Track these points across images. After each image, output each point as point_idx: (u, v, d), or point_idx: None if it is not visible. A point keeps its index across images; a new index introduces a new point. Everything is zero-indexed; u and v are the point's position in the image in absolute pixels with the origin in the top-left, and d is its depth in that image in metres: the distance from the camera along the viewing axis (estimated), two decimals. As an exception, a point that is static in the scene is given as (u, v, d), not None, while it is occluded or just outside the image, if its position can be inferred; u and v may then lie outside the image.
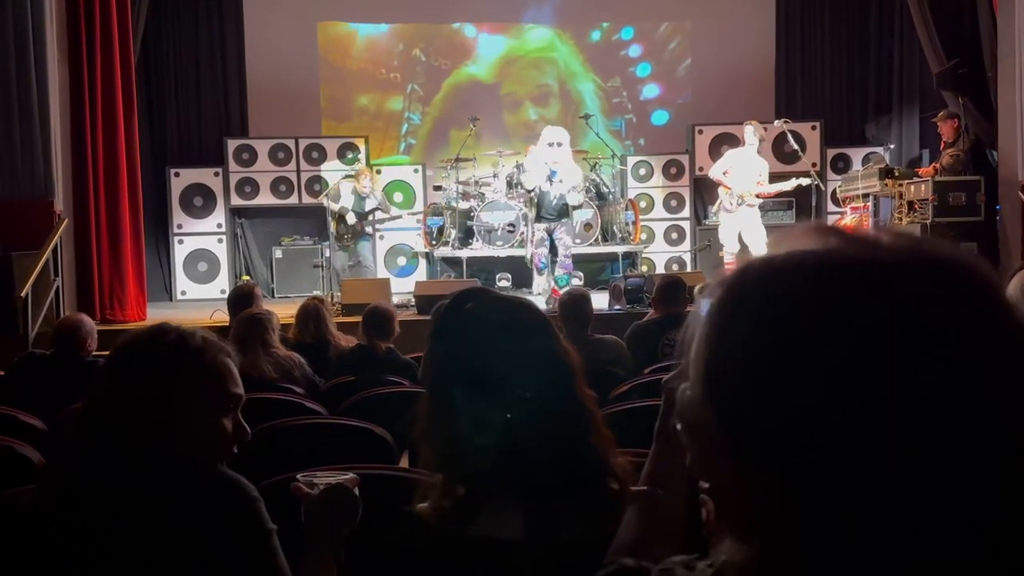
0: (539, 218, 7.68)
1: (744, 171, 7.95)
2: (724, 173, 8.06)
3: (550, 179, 7.45)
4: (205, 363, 1.54)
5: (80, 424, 1.54)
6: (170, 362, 1.52)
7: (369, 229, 8.94)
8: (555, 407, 1.42)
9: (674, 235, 10.20)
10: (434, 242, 9.39)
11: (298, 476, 1.59)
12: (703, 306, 0.68)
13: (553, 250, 7.70)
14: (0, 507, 1.88)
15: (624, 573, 0.82)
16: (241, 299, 5.05)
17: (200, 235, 9.74)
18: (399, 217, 9.32)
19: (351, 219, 8.69)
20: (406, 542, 1.42)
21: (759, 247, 8.05)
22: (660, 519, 0.76)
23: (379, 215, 8.89)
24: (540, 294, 7.73)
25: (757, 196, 7.99)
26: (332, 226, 8.81)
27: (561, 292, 7.47)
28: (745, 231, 7.98)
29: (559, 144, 7.43)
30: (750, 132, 7.99)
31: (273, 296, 9.36)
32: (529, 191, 7.78)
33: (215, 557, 1.42)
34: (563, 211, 7.67)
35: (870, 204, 8.45)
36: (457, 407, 1.41)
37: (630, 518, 1.14)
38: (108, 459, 1.47)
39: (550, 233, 7.67)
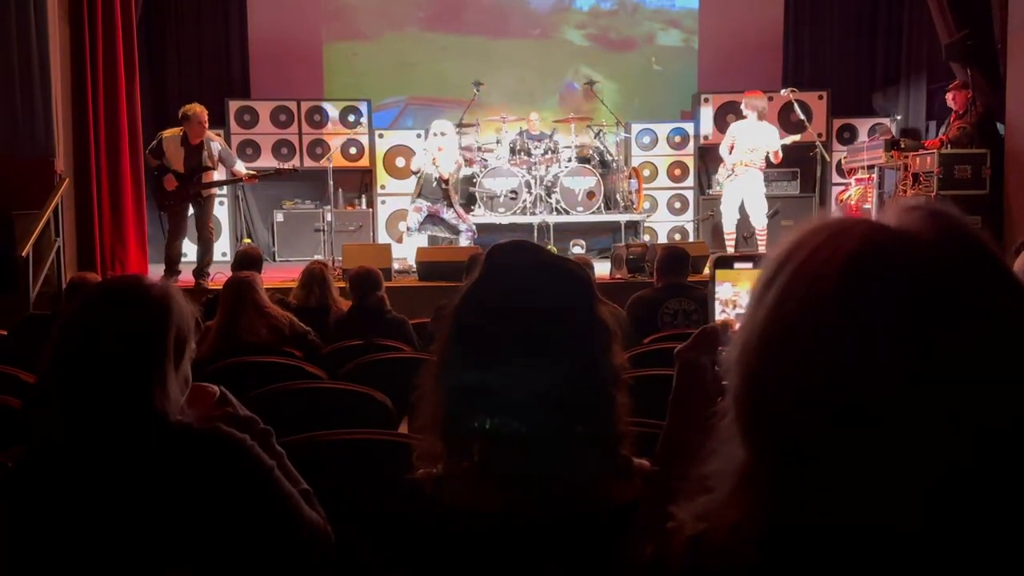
0: (421, 195, 7.91)
1: (747, 142, 8.07)
2: (729, 149, 8.18)
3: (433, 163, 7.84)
4: (179, 309, 1.52)
5: (53, 388, 1.47)
6: (154, 315, 1.49)
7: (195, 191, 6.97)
8: (578, 372, 1.32)
9: (677, 204, 10.16)
10: (436, 208, 9.35)
11: None
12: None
13: (434, 222, 7.98)
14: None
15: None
16: (247, 263, 5.05)
17: (202, 197, 9.69)
18: (238, 181, 7.45)
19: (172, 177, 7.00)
20: (401, 509, 1.39)
21: (757, 218, 8.10)
22: (676, 495, 0.76)
23: (216, 176, 7.17)
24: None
25: (767, 159, 8.08)
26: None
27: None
28: (746, 199, 8.13)
29: (443, 134, 7.82)
30: (743, 106, 8.22)
31: (274, 260, 9.34)
32: (415, 172, 8.04)
33: (225, 509, 1.44)
34: (445, 192, 7.91)
35: (875, 175, 8.40)
36: (467, 357, 1.33)
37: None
38: (91, 422, 1.44)
39: (432, 212, 7.91)
